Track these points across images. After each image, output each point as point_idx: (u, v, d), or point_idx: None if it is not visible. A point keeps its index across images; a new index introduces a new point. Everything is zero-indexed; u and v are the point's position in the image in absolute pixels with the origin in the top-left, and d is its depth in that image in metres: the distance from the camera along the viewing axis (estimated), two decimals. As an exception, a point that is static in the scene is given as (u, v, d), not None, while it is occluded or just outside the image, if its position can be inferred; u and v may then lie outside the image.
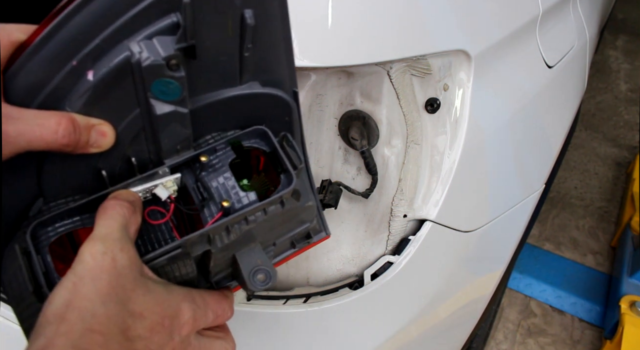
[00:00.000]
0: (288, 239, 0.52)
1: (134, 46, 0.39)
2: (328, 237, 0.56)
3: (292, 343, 0.71)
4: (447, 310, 0.84)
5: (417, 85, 0.68)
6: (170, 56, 0.39)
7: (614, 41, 3.36)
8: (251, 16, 0.42)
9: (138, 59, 0.39)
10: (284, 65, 0.48)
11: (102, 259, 0.37)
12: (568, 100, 1.10)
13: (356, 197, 0.72)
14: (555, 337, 1.67)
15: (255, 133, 0.49)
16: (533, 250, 1.92)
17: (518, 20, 0.85)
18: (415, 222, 0.74)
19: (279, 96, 0.49)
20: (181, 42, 0.40)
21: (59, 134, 0.38)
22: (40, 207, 0.44)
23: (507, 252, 0.95)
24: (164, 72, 0.40)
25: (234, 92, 0.47)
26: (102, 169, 0.44)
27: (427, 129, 0.71)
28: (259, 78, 0.48)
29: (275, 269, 0.46)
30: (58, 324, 0.34)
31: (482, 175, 0.79)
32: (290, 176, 0.47)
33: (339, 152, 0.71)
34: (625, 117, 2.68)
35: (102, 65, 0.39)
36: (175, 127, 0.44)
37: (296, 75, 0.50)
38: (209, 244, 0.45)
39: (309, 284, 0.75)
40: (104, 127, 0.41)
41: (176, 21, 0.40)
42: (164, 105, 0.42)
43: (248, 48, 0.44)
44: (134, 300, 0.37)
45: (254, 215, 0.45)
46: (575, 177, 2.30)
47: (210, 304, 0.44)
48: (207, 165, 0.47)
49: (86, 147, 0.41)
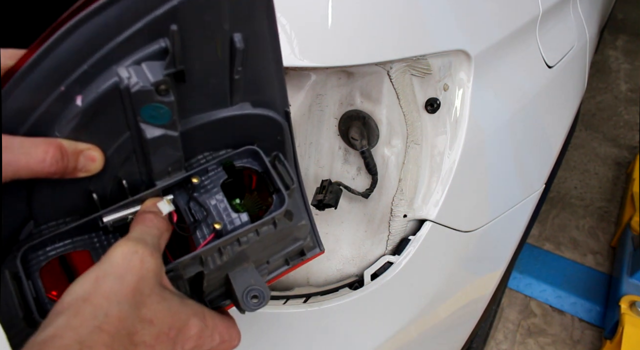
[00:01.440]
0: (282, 256, 0.53)
1: (122, 72, 0.39)
2: (322, 253, 0.56)
3: (292, 343, 0.71)
4: (447, 310, 0.84)
5: (417, 85, 0.68)
6: (159, 82, 0.39)
7: (614, 41, 3.36)
8: (240, 40, 0.42)
9: (127, 85, 0.39)
10: (275, 85, 0.48)
11: (132, 259, 0.37)
12: (568, 100, 1.10)
13: (356, 197, 0.72)
14: (555, 337, 1.67)
15: (247, 153, 0.49)
16: (533, 250, 1.92)
17: (518, 20, 0.85)
18: (415, 222, 0.74)
19: (270, 116, 0.49)
20: (170, 67, 0.40)
21: (46, 162, 0.38)
22: (31, 230, 0.44)
23: (507, 252, 0.95)
24: (153, 97, 0.40)
25: (224, 114, 0.47)
26: (93, 191, 0.44)
27: (427, 129, 0.71)
28: (249, 99, 0.47)
29: (268, 289, 0.47)
30: (70, 317, 0.34)
31: (482, 175, 0.79)
32: (282, 197, 0.47)
33: (339, 152, 0.71)
34: (625, 117, 2.68)
35: (90, 90, 0.39)
36: (166, 150, 0.44)
37: (287, 94, 0.50)
38: (201, 265, 0.45)
39: (309, 284, 0.75)
40: (93, 152, 0.41)
41: (164, 46, 0.40)
42: (154, 129, 0.42)
43: (238, 71, 0.44)
44: (148, 306, 0.37)
45: (246, 236, 0.46)
46: (575, 177, 2.30)
47: (219, 327, 0.44)
48: (199, 187, 0.47)
49: (74, 172, 0.40)
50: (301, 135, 0.69)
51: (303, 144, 0.70)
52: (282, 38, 0.58)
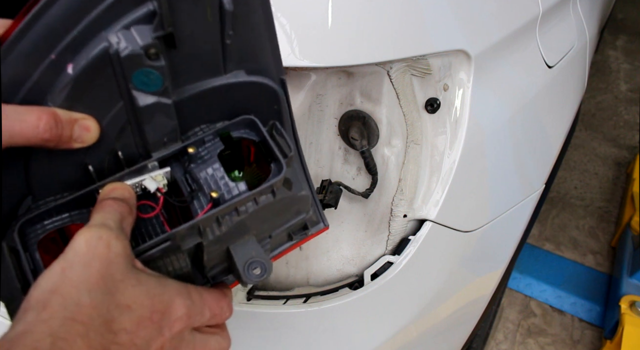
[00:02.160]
0: (284, 230, 0.51)
1: (111, 37, 0.38)
2: (327, 228, 0.54)
3: (292, 343, 0.71)
4: (447, 310, 0.84)
5: (417, 85, 0.68)
6: (148, 45, 0.39)
7: (614, 41, 3.36)
8: (229, 2, 0.41)
9: (116, 50, 0.38)
10: (269, 52, 0.47)
11: (96, 245, 0.36)
12: (568, 100, 1.10)
13: (356, 197, 0.72)
14: (555, 337, 1.67)
15: (244, 123, 0.48)
16: (533, 250, 1.92)
17: (518, 20, 0.85)
18: (415, 222, 0.74)
19: (265, 84, 0.48)
20: (158, 30, 0.39)
21: (40, 128, 0.37)
22: (29, 205, 0.43)
23: (507, 252, 0.95)
24: (143, 61, 0.39)
25: (218, 82, 0.46)
26: (89, 164, 0.43)
27: (427, 129, 0.71)
28: (243, 67, 0.46)
29: (270, 260, 0.46)
30: (40, 311, 0.33)
31: (482, 175, 0.79)
32: (281, 165, 0.45)
33: (339, 152, 0.71)
34: (625, 117, 2.68)
35: (81, 57, 0.38)
36: (160, 118, 0.43)
37: (282, 62, 0.49)
38: (200, 236, 0.44)
39: (309, 284, 0.75)
40: (88, 122, 0.41)
41: (152, 9, 0.39)
42: (146, 96, 0.41)
43: (229, 35, 0.43)
44: (122, 291, 0.36)
45: (244, 205, 0.45)
46: (575, 177, 2.30)
47: (208, 302, 0.43)
48: (196, 157, 0.46)
49: (69, 142, 0.40)
50: (301, 135, 0.69)
51: (303, 144, 0.70)
52: (282, 38, 0.58)
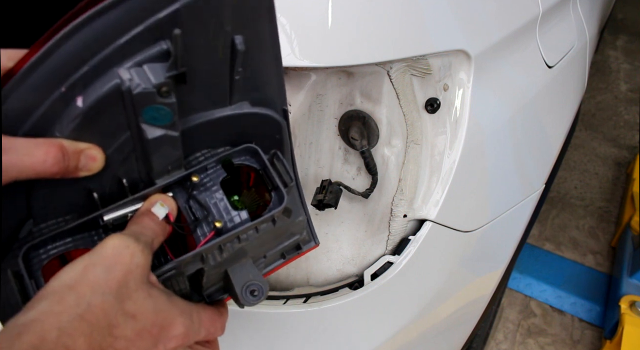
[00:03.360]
0: (278, 251, 0.53)
1: (124, 73, 0.39)
2: (317, 246, 0.57)
3: (292, 343, 0.71)
4: (447, 310, 0.84)
5: (417, 85, 0.68)
6: (161, 84, 0.39)
7: (614, 41, 3.36)
8: (241, 42, 0.42)
9: (129, 87, 0.39)
10: (274, 84, 0.49)
11: (122, 252, 0.38)
12: (568, 100, 1.10)
13: (356, 197, 0.72)
14: (555, 337, 1.67)
15: (246, 151, 0.50)
16: (533, 250, 1.92)
17: (518, 20, 0.85)
18: (415, 222, 0.74)
19: (268, 115, 0.50)
20: (172, 70, 0.40)
21: (47, 163, 0.38)
22: (30, 228, 0.44)
23: (507, 252, 0.95)
24: (155, 99, 0.40)
25: (224, 113, 0.47)
26: (93, 190, 0.44)
27: (427, 129, 0.71)
28: (248, 98, 0.48)
29: (267, 283, 0.47)
30: (54, 303, 0.34)
31: (482, 175, 0.79)
32: (282, 194, 0.47)
33: (339, 152, 0.71)
34: (625, 117, 2.68)
35: (91, 91, 0.39)
36: (167, 149, 0.44)
37: (285, 93, 0.50)
38: (202, 262, 0.45)
39: (309, 284, 0.75)
40: (93, 151, 0.42)
41: (166, 48, 0.40)
42: (155, 129, 0.42)
43: (238, 72, 0.44)
44: (133, 301, 0.38)
45: (246, 233, 0.46)
46: (575, 177, 2.30)
47: (204, 322, 0.45)
48: (199, 185, 0.47)
49: (75, 171, 0.41)
50: (301, 135, 0.69)
51: (303, 144, 0.70)
52: (282, 38, 0.58)
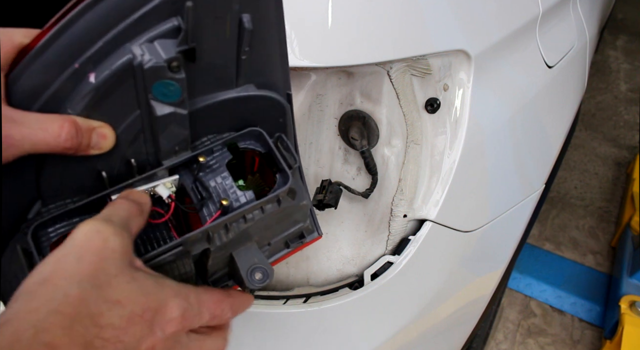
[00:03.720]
0: (282, 238, 0.54)
1: (136, 49, 0.40)
2: (320, 238, 0.57)
3: (292, 343, 0.71)
4: (447, 310, 0.84)
5: (417, 85, 0.68)
6: (171, 58, 0.40)
7: (614, 41, 3.36)
8: (249, 20, 0.43)
9: (140, 62, 0.40)
10: (279, 68, 0.50)
11: (93, 238, 0.36)
12: (568, 100, 1.10)
13: (356, 197, 0.72)
14: (555, 337, 1.67)
15: (251, 134, 0.50)
16: (533, 250, 1.92)
17: (518, 20, 0.85)
18: (415, 222, 0.74)
19: (273, 98, 0.50)
20: (182, 44, 0.41)
21: (62, 137, 0.38)
22: (39, 209, 0.45)
23: (507, 252, 0.95)
24: (165, 73, 0.41)
25: (230, 95, 0.48)
26: (101, 170, 0.45)
27: (427, 129, 0.71)
28: (254, 80, 0.49)
29: (272, 267, 0.47)
30: (28, 300, 0.33)
31: (482, 175, 0.79)
32: (286, 175, 0.48)
33: (339, 152, 0.71)
34: (625, 117, 2.68)
35: (103, 67, 0.40)
36: (174, 128, 0.45)
37: (290, 78, 0.51)
38: (208, 242, 0.45)
39: (309, 284, 0.75)
40: (105, 130, 0.42)
41: (177, 25, 0.41)
42: (164, 106, 0.43)
43: (245, 51, 0.45)
44: (114, 287, 0.36)
45: (252, 213, 0.46)
46: (575, 177, 2.30)
47: (206, 303, 0.42)
48: (205, 166, 0.48)
49: (87, 149, 0.41)
50: (301, 135, 0.69)
51: (303, 144, 0.70)
52: (282, 38, 0.59)
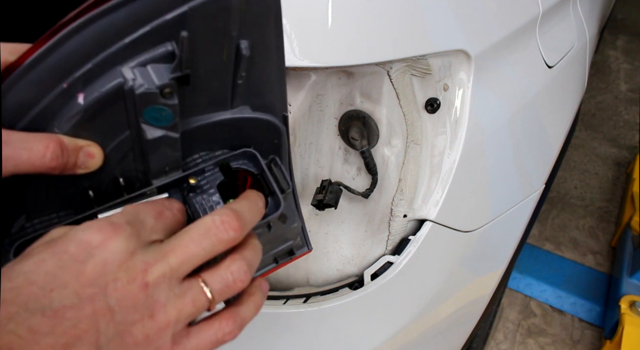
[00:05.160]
0: (271, 255, 0.53)
1: (127, 73, 0.39)
2: (309, 252, 0.57)
3: (292, 343, 0.71)
4: (447, 310, 0.84)
5: (417, 85, 0.68)
6: (164, 85, 0.39)
7: (614, 41, 3.36)
8: (247, 47, 0.42)
9: (131, 86, 0.39)
10: (276, 90, 0.49)
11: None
12: (568, 100, 1.10)
13: (356, 197, 0.72)
14: (555, 337, 1.67)
15: (244, 155, 0.50)
16: (533, 250, 1.92)
17: (518, 20, 0.85)
18: (415, 222, 0.74)
19: (269, 121, 0.50)
20: (176, 72, 0.40)
21: (47, 157, 0.37)
22: (23, 224, 0.43)
23: (507, 252, 0.95)
24: (157, 99, 0.40)
25: (224, 116, 0.47)
26: (89, 188, 0.44)
27: (427, 129, 0.71)
28: (250, 102, 0.48)
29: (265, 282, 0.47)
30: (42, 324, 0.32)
31: (482, 175, 0.79)
32: (278, 200, 0.47)
33: (339, 152, 0.71)
34: (625, 117, 2.68)
35: (93, 89, 0.39)
36: (166, 150, 0.44)
37: (287, 99, 0.50)
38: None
39: (309, 284, 0.75)
40: (92, 149, 0.41)
41: (171, 50, 0.40)
42: (155, 130, 0.42)
43: (242, 76, 0.44)
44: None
45: None
46: (575, 177, 2.30)
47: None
48: (196, 187, 0.47)
49: (74, 168, 0.40)
50: (301, 135, 0.69)
51: (303, 144, 0.70)
52: (282, 38, 0.58)
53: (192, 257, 0.37)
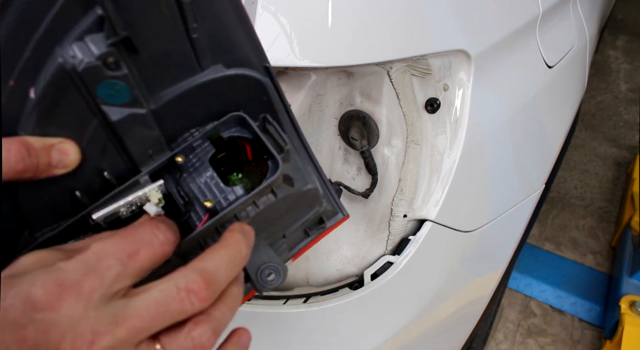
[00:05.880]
0: (299, 227, 0.48)
1: (65, 50, 0.35)
2: (347, 218, 0.50)
3: (292, 343, 0.71)
4: (447, 310, 0.84)
5: (417, 85, 0.68)
6: (104, 54, 0.35)
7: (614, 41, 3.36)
8: None
9: (72, 64, 0.35)
10: (245, 41, 0.44)
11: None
12: (568, 100, 1.10)
13: (356, 197, 0.72)
14: (555, 337, 1.67)
15: (233, 120, 0.44)
16: (533, 250, 1.92)
17: (518, 20, 0.85)
18: (415, 222, 0.74)
19: (247, 75, 0.44)
20: (111, 36, 0.35)
21: (11, 161, 0.34)
22: (27, 238, 0.41)
23: (507, 252, 0.95)
24: (104, 73, 0.36)
25: (196, 81, 0.42)
26: (77, 189, 0.40)
27: (427, 129, 0.71)
28: (221, 60, 0.43)
29: (284, 265, 0.43)
30: None
31: (482, 175, 0.79)
32: (276, 162, 0.42)
33: (339, 152, 0.71)
34: (625, 117, 2.68)
35: (40, 79, 0.35)
36: (139, 130, 0.40)
37: (263, 49, 0.45)
38: (201, 249, 0.41)
39: (309, 284, 0.75)
40: (65, 145, 0.37)
41: (101, 14, 0.35)
42: (117, 109, 0.38)
43: (194, 28, 0.39)
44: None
45: (244, 210, 0.42)
46: (575, 177, 2.30)
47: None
48: (186, 166, 0.43)
49: (49, 169, 0.37)
50: (301, 135, 0.69)
51: (303, 144, 0.70)
52: (282, 38, 0.58)
53: (148, 328, 0.33)
